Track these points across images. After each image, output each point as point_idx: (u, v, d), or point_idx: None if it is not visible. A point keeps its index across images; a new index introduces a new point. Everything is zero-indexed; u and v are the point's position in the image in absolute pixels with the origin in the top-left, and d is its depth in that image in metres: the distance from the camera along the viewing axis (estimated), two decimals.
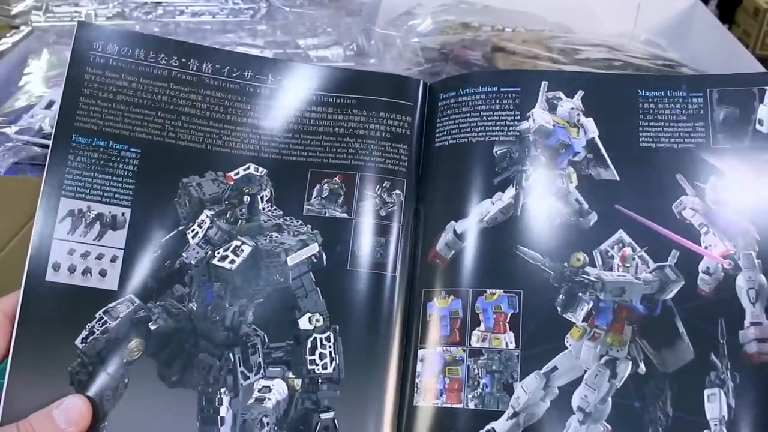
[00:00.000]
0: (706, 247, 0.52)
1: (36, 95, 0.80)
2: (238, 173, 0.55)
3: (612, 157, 0.55)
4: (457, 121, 0.57)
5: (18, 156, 0.69)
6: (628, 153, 0.55)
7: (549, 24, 0.86)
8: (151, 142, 0.55)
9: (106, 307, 0.51)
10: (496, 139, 0.56)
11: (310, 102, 0.57)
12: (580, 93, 0.57)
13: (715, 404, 0.48)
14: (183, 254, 0.53)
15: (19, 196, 0.52)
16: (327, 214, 0.55)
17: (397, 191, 0.55)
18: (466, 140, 0.56)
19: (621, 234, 0.53)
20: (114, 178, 0.54)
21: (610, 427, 0.48)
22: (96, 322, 0.51)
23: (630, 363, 0.50)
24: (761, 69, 0.75)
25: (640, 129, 0.56)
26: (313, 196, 0.55)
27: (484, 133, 0.56)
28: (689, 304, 0.51)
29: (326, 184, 0.55)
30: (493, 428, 0.49)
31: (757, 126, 0.55)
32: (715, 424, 0.48)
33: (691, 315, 0.51)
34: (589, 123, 0.56)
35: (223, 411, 0.50)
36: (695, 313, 0.51)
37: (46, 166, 0.53)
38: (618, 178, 0.54)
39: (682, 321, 0.51)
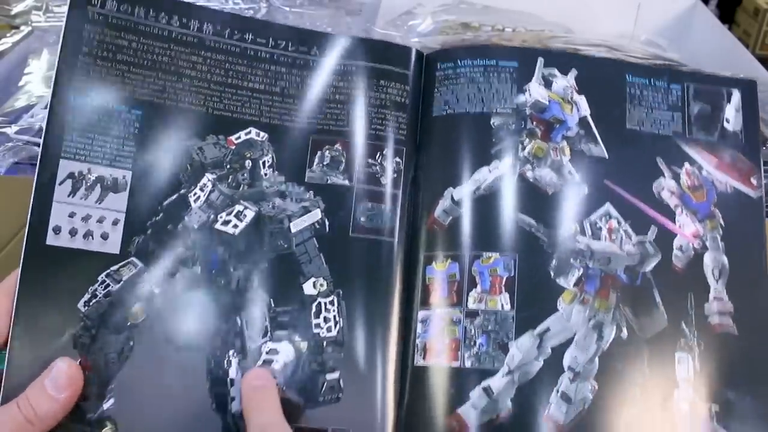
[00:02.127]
0: (680, 227, 0.58)
1: (36, 95, 0.76)
2: (239, 137, 0.55)
3: (601, 136, 0.59)
4: (455, 92, 0.58)
5: (18, 156, 0.67)
6: (616, 133, 0.59)
7: (549, 24, 0.86)
8: (151, 104, 0.53)
9: (109, 270, 0.51)
10: (494, 111, 0.58)
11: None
12: (574, 72, 0.59)
13: (684, 366, 0.54)
14: (185, 218, 0.53)
15: (20, 196, 0.51)
16: (328, 182, 0.55)
17: (397, 159, 0.57)
18: (464, 111, 0.58)
19: (608, 207, 0.57)
20: (114, 140, 0.52)
21: (596, 385, 0.53)
22: (98, 285, 0.51)
23: (614, 327, 0.54)
24: (761, 69, 0.79)
25: (627, 112, 0.60)
26: (315, 163, 0.56)
27: (482, 105, 0.58)
28: (665, 278, 0.56)
29: (327, 151, 0.56)
30: (489, 385, 0.52)
31: (725, 124, 0.61)
32: (684, 384, 0.54)
33: (666, 287, 0.56)
34: (582, 101, 0.59)
35: (233, 372, 0.51)
36: (669, 285, 0.56)
37: (44, 127, 0.51)
38: (607, 156, 0.58)
39: (659, 292, 0.56)
